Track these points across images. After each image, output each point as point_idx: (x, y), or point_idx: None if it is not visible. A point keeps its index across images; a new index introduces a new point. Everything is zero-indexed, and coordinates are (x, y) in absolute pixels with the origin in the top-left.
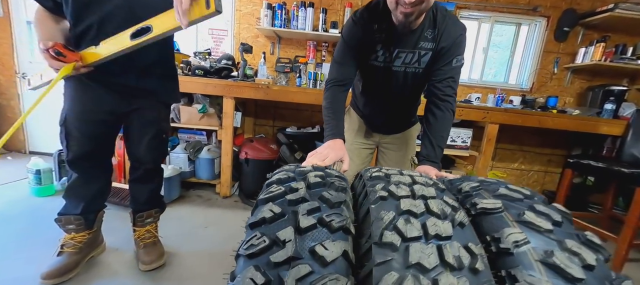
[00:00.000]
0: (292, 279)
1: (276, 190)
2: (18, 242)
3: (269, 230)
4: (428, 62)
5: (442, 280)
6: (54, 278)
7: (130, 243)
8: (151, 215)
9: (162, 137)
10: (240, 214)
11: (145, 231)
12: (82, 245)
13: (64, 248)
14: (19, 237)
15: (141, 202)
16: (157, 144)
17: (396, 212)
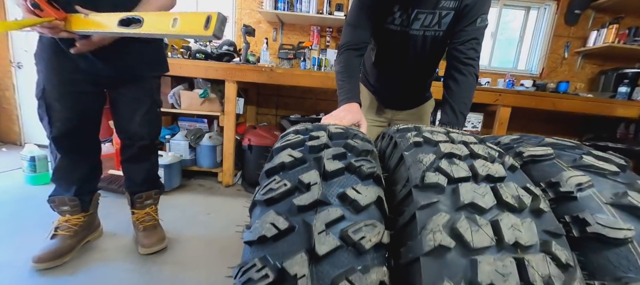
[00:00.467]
0: (321, 222)
1: (279, 187)
2: (9, 228)
3: (275, 254)
4: (449, 24)
5: (503, 220)
6: (46, 262)
7: (128, 228)
8: (150, 196)
9: (157, 110)
10: (243, 202)
11: (145, 213)
12: (77, 228)
13: (58, 231)
14: (10, 223)
15: (138, 183)
16: (153, 117)
17: (436, 156)
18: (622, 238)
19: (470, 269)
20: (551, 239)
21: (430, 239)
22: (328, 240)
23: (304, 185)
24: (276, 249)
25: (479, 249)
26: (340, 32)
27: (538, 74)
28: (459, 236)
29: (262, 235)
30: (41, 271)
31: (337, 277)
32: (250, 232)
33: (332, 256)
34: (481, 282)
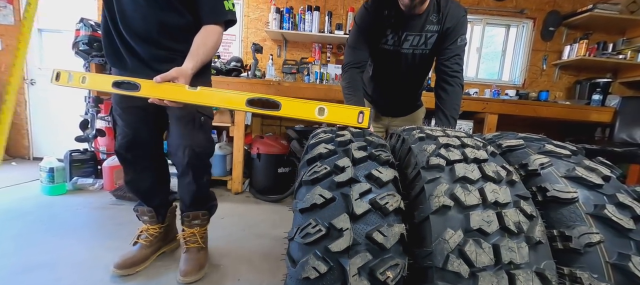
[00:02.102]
0: (356, 193)
1: (321, 170)
2: (34, 233)
3: (323, 217)
4: (434, 43)
5: (487, 187)
6: (124, 268)
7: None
8: (198, 216)
9: (200, 120)
10: (254, 208)
11: (191, 234)
12: (152, 238)
13: (139, 239)
14: (34, 229)
15: (186, 202)
16: (194, 130)
17: (436, 145)
18: (570, 198)
19: (465, 220)
20: (520, 200)
21: (436, 202)
22: (362, 205)
23: (339, 168)
24: (323, 213)
25: (470, 206)
26: (340, 48)
27: (521, 84)
28: (456, 199)
29: (313, 203)
30: (118, 277)
31: (370, 230)
32: (303, 202)
33: (365, 216)
34: (473, 227)
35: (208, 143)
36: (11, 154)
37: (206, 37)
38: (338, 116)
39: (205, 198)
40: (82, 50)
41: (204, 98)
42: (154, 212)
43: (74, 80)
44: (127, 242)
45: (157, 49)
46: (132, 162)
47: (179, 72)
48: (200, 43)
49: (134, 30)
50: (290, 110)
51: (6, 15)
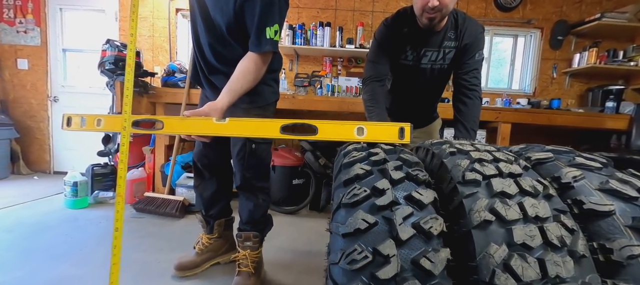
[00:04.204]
0: (399, 217)
1: (360, 192)
2: (61, 247)
3: (366, 241)
4: (452, 58)
5: (526, 202)
6: (180, 270)
7: (178, 246)
8: (249, 238)
9: (251, 148)
10: None
11: (243, 256)
12: (203, 247)
13: (196, 245)
14: (61, 241)
15: (242, 220)
16: (245, 157)
17: (470, 160)
18: (608, 211)
19: (507, 235)
20: (559, 213)
21: (477, 217)
22: (406, 229)
23: (379, 190)
24: (366, 238)
25: (512, 221)
26: (350, 61)
27: (531, 93)
28: (497, 213)
29: (357, 228)
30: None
31: (416, 256)
32: (346, 226)
33: (410, 241)
34: (516, 241)
35: (260, 168)
36: (33, 169)
37: (247, 66)
38: (378, 134)
39: (260, 219)
40: (107, 69)
41: (234, 129)
42: (204, 221)
43: (88, 124)
44: (151, 253)
45: (223, 78)
46: (200, 171)
47: (211, 108)
48: (240, 75)
49: (206, 62)
50: (327, 133)
51: (33, 37)
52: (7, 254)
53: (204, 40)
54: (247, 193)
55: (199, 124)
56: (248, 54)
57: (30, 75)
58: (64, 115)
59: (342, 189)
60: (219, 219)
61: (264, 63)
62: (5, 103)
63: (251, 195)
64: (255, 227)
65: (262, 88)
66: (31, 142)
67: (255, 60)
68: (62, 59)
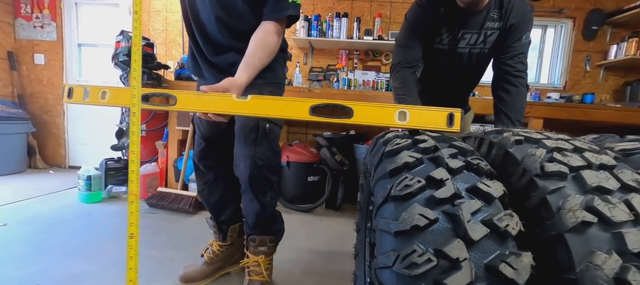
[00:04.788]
0: (467, 212)
1: (413, 183)
2: (76, 242)
3: (427, 241)
4: (495, 41)
5: (634, 199)
6: (187, 282)
7: (189, 245)
8: (264, 243)
9: (264, 129)
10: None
11: (255, 263)
12: (214, 256)
13: (205, 253)
14: (75, 236)
15: (250, 224)
16: (257, 140)
17: (546, 150)
18: None
19: (615, 241)
20: None
21: (571, 217)
22: (478, 227)
23: (436, 181)
24: (425, 238)
25: (619, 223)
26: (367, 54)
27: (561, 87)
28: (599, 213)
29: (414, 225)
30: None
31: (491, 261)
32: (399, 223)
33: (482, 242)
34: (632, 250)
35: (272, 155)
36: (49, 163)
37: (264, 38)
38: (423, 119)
39: (270, 220)
40: (121, 61)
41: (256, 108)
42: (216, 227)
43: (91, 97)
44: (164, 251)
45: (235, 55)
46: (204, 173)
47: (230, 83)
48: (257, 47)
49: (211, 42)
50: (364, 116)
51: (50, 32)
52: (22, 248)
53: (210, 17)
54: (254, 190)
55: (217, 101)
56: (264, 24)
57: (47, 70)
58: (64, 86)
59: (387, 180)
60: (232, 225)
61: (282, 31)
62: (22, 98)
63: (259, 193)
64: (267, 230)
65: (275, 65)
66: (47, 136)
67: (274, 29)
68: (78, 54)
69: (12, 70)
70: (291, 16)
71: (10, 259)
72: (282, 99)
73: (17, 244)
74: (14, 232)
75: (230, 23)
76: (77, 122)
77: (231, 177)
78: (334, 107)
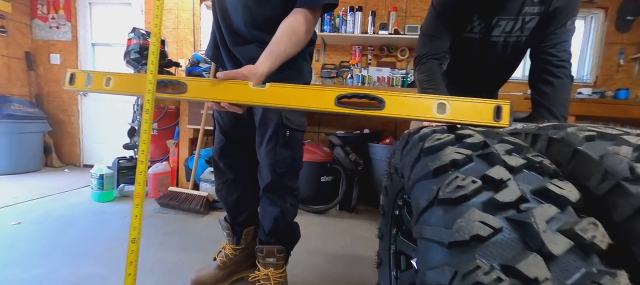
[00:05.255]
0: (540, 220)
1: (467, 183)
2: (86, 242)
3: (491, 255)
4: (534, 28)
5: None
6: None
7: (199, 246)
8: (272, 253)
9: (284, 136)
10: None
11: (265, 276)
12: (227, 260)
13: (218, 256)
14: (86, 237)
15: (265, 231)
16: (277, 147)
17: (633, 148)
18: None
19: None
20: None
21: None
22: (558, 239)
23: (494, 181)
24: (488, 250)
25: None
26: (382, 50)
27: (592, 82)
28: None
29: (475, 235)
30: None
31: (579, 281)
32: (454, 232)
33: (564, 257)
34: None
35: (293, 162)
36: (64, 161)
37: (293, 25)
38: (466, 112)
39: (286, 230)
40: (133, 58)
41: (275, 97)
42: (230, 229)
43: (95, 83)
44: (176, 252)
45: (255, 48)
46: (223, 171)
47: (250, 71)
48: (285, 34)
49: (233, 30)
50: (397, 108)
51: (65, 32)
52: (32, 247)
53: (235, 2)
54: (273, 195)
55: (232, 88)
56: (296, 11)
57: (62, 69)
58: (66, 72)
59: (431, 180)
60: (247, 227)
61: (314, 22)
62: (39, 97)
63: (278, 198)
64: (280, 239)
65: (301, 63)
66: (63, 135)
67: (305, 18)
68: (92, 54)
69: (29, 70)
70: (327, 5)
71: (19, 259)
72: (305, 87)
73: (28, 243)
74: (26, 230)
75: (256, 10)
76: (92, 121)
77: (251, 177)
78: (364, 96)
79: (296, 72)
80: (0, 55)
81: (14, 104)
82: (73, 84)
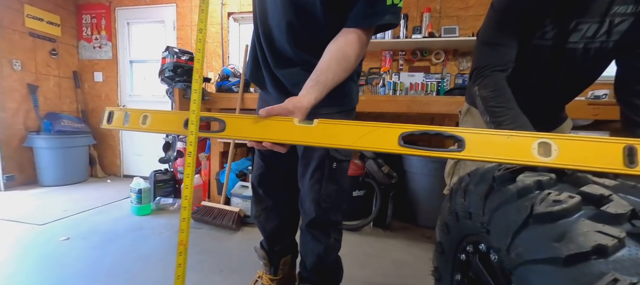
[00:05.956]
0: None
1: (567, 200)
2: (127, 261)
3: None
4: (625, 32)
5: None
6: None
7: (236, 266)
8: None
9: (331, 168)
10: None
11: None
12: None
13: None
14: (126, 255)
15: (306, 266)
16: (322, 180)
17: None
18: None
19: None
20: None
21: None
22: None
23: None
24: None
25: None
26: (414, 54)
27: None
28: None
29: None
30: None
31: None
32: None
33: None
34: None
35: (338, 195)
36: (107, 172)
37: (344, 49)
38: (581, 155)
39: (331, 268)
40: (167, 76)
41: (324, 136)
42: (267, 259)
43: (131, 121)
44: (210, 276)
45: (299, 71)
46: (262, 198)
47: (295, 106)
48: (334, 60)
49: (276, 51)
50: (482, 148)
51: (106, 51)
52: (79, 266)
53: (279, 21)
54: (317, 231)
55: (276, 126)
56: (346, 33)
57: (104, 86)
58: (105, 110)
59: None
60: (284, 257)
61: (367, 43)
62: (85, 112)
63: (322, 234)
64: (323, 278)
65: (349, 85)
66: (106, 148)
67: (358, 40)
68: (129, 70)
69: (76, 88)
70: (384, 25)
71: (69, 279)
72: (360, 124)
73: (75, 261)
74: (74, 246)
75: (302, 30)
76: (131, 135)
77: (291, 205)
78: (437, 135)
79: (343, 97)
80: (52, 76)
81: (64, 120)
82: (111, 123)
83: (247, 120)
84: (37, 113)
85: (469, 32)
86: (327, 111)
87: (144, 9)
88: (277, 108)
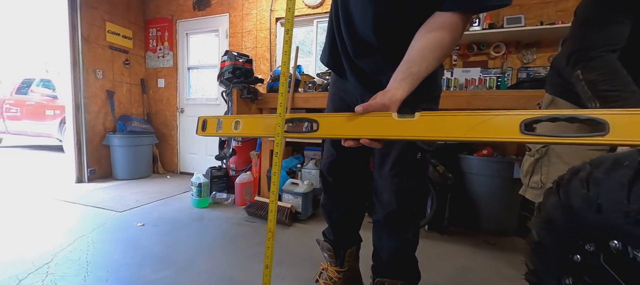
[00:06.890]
0: None
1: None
2: (194, 247)
3: None
4: None
5: None
6: None
7: (304, 261)
8: None
9: (415, 158)
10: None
11: None
12: (331, 282)
13: (320, 278)
14: (194, 242)
15: (382, 260)
16: (405, 171)
17: None
18: None
19: None
20: None
21: None
22: None
23: None
24: None
25: None
26: (470, 48)
27: None
28: None
29: None
30: None
31: None
32: None
33: None
34: None
35: (421, 187)
36: (167, 169)
37: (441, 38)
38: None
39: (408, 262)
40: (226, 78)
41: (429, 130)
42: (332, 251)
43: (224, 127)
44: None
45: (380, 61)
46: (330, 186)
47: (390, 99)
48: (428, 49)
49: (358, 39)
50: (633, 131)
51: (168, 60)
52: (155, 249)
53: (365, 8)
54: (396, 225)
55: (374, 123)
56: (441, 16)
57: (166, 91)
58: (199, 119)
59: None
60: (350, 248)
61: (464, 28)
62: (149, 115)
63: (401, 228)
64: (401, 275)
65: (437, 70)
66: (166, 147)
67: (454, 25)
68: (187, 76)
69: (143, 94)
70: (490, 5)
71: (148, 260)
72: (469, 114)
73: (151, 244)
74: (149, 231)
75: (389, 18)
76: (187, 135)
77: (359, 195)
78: (569, 119)
79: (433, 81)
80: (125, 83)
81: (134, 122)
82: (205, 131)
83: (340, 118)
84: (113, 115)
85: (536, 21)
86: (412, 98)
87: (201, 19)
88: (374, 104)
